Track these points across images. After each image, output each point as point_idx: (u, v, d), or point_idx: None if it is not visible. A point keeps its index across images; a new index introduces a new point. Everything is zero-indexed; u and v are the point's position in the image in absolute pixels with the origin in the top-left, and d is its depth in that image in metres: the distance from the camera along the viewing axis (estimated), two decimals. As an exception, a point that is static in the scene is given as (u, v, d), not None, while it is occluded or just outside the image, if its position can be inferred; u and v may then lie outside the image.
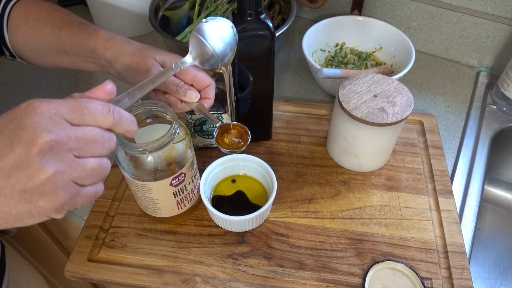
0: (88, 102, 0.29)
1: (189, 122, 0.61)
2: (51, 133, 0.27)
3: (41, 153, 0.26)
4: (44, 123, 0.27)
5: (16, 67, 0.85)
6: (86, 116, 0.29)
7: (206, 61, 0.44)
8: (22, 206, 0.28)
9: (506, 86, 0.71)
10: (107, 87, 0.32)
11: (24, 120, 0.27)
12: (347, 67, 0.79)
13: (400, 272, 0.51)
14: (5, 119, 0.28)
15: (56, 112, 0.28)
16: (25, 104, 0.28)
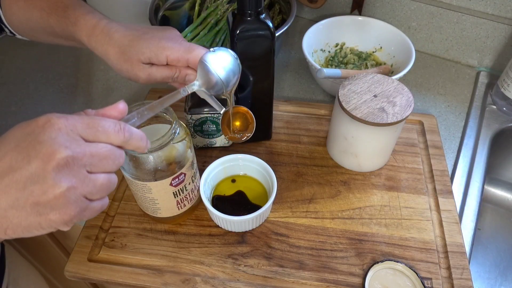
0: (102, 120, 0.31)
1: (189, 122, 0.61)
2: (68, 149, 0.28)
3: (57, 168, 0.27)
4: (62, 139, 0.28)
5: (16, 67, 0.85)
6: (100, 133, 0.30)
7: (212, 87, 0.46)
8: (33, 218, 0.28)
9: (506, 86, 0.71)
10: (119, 107, 0.34)
11: (42, 134, 0.27)
12: (347, 67, 0.79)
13: (400, 272, 0.51)
14: (21, 131, 0.29)
15: (73, 128, 0.29)
16: (43, 119, 0.29)
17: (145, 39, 0.46)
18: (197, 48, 0.47)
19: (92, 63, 0.86)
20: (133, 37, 0.46)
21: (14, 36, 0.59)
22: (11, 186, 0.27)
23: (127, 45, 0.46)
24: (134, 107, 0.47)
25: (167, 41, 0.47)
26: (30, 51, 0.89)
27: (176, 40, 0.48)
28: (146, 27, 0.49)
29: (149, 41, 0.46)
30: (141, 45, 0.46)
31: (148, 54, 0.46)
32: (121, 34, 0.47)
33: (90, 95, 0.79)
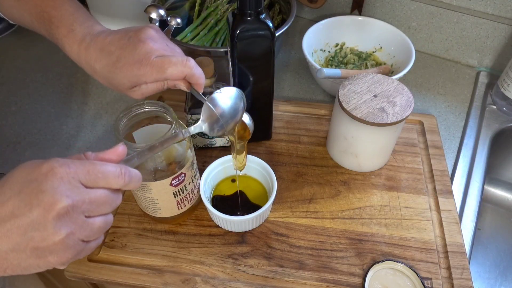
0: (102, 165, 0.32)
1: (189, 122, 0.61)
2: (69, 198, 0.29)
3: (58, 217, 0.29)
4: (63, 188, 0.29)
5: (16, 67, 0.85)
6: (100, 179, 0.31)
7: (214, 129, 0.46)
8: (32, 261, 0.30)
9: (506, 86, 0.71)
10: (119, 150, 0.35)
11: (44, 183, 0.29)
12: (347, 67, 0.79)
13: (400, 272, 0.51)
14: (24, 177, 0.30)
15: (74, 176, 0.30)
16: (46, 167, 0.30)
17: (119, 69, 0.45)
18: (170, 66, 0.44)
19: (92, 63, 0.86)
20: (110, 67, 0.46)
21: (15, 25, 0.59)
22: (13, 231, 0.29)
23: (109, 76, 0.46)
24: (134, 107, 0.48)
25: (138, 68, 0.44)
26: (30, 51, 0.89)
27: (147, 60, 0.44)
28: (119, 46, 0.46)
29: (123, 71, 0.45)
30: (119, 76, 0.46)
31: (128, 84, 0.46)
32: (100, 64, 0.46)
33: (90, 95, 0.79)
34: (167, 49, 0.46)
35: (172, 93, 0.75)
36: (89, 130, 0.72)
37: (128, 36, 0.46)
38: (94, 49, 0.46)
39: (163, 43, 0.47)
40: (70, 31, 0.48)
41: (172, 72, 0.44)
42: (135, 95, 0.48)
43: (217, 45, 0.78)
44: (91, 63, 0.47)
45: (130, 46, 0.45)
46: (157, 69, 0.44)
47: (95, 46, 0.46)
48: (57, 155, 0.68)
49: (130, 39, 0.45)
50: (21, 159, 0.67)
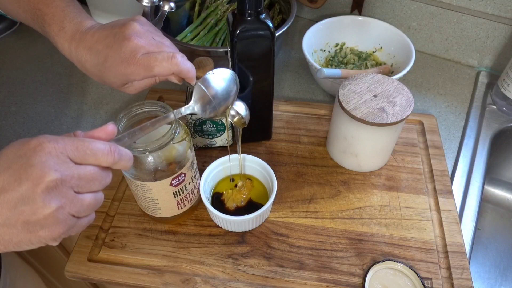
0: (91, 142, 0.32)
1: (189, 122, 0.61)
2: (57, 172, 0.29)
3: (47, 190, 0.29)
4: (52, 162, 0.29)
5: (16, 67, 0.85)
6: (88, 156, 0.32)
7: (206, 110, 0.46)
8: (23, 235, 0.30)
9: (506, 86, 0.71)
10: (109, 128, 0.36)
11: (33, 158, 0.29)
12: (347, 67, 0.79)
13: (400, 272, 0.51)
14: (14, 153, 0.30)
15: (62, 151, 0.30)
16: (35, 142, 0.30)
17: (108, 69, 0.45)
18: (156, 65, 0.44)
19: (92, 63, 0.87)
20: (100, 67, 0.46)
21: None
22: (3, 206, 0.29)
23: (99, 75, 0.47)
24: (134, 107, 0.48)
25: (125, 67, 0.44)
26: (30, 51, 0.89)
27: (132, 59, 0.44)
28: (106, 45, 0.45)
29: (112, 71, 0.45)
30: (108, 75, 0.46)
31: (119, 83, 0.47)
32: (90, 64, 0.46)
33: (90, 95, 0.79)
34: (153, 43, 0.45)
35: (172, 93, 0.75)
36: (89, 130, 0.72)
37: (113, 33, 0.45)
38: (83, 48, 0.46)
39: (149, 37, 0.46)
40: (61, 29, 0.48)
41: (159, 70, 0.44)
42: (128, 91, 0.49)
43: (217, 45, 0.78)
44: (82, 62, 0.47)
45: (116, 45, 0.44)
46: (144, 68, 0.44)
47: (84, 45, 0.46)
48: (57, 155, 0.68)
49: (116, 36, 0.45)
50: (21, 159, 0.67)
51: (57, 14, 0.48)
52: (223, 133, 0.63)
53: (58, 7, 0.49)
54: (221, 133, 0.63)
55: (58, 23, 0.48)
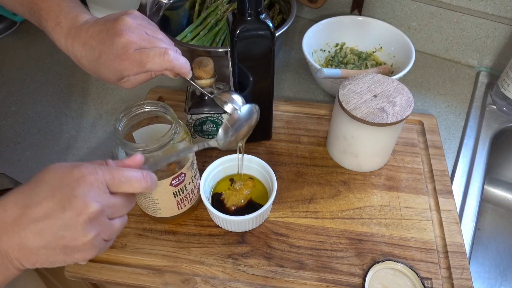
0: (125, 171, 0.36)
1: (189, 122, 0.61)
2: (98, 203, 0.32)
3: (88, 220, 0.32)
4: (93, 194, 0.32)
5: (16, 67, 0.85)
6: (123, 183, 0.35)
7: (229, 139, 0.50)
8: (60, 257, 0.33)
9: (506, 86, 0.71)
10: (137, 159, 0.39)
11: (76, 189, 0.32)
12: (347, 67, 0.79)
13: (400, 272, 0.51)
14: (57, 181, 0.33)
15: (102, 181, 0.33)
16: (77, 173, 0.33)
17: (102, 64, 0.45)
18: (148, 61, 0.44)
19: (92, 63, 0.87)
20: (95, 63, 0.46)
21: None
22: (46, 230, 0.31)
23: (95, 71, 0.47)
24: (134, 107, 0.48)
25: (118, 63, 0.44)
26: (30, 51, 0.89)
27: (125, 55, 0.44)
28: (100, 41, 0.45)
29: (106, 66, 0.45)
30: (103, 71, 0.46)
31: (114, 78, 0.47)
32: (85, 60, 0.47)
33: (90, 95, 0.79)
34: (145, 38, 0.45)
35: (172, 93, 0.75)
36: (89, 130, 0.72)
37: (106, 28, 0.45)
38: (78, 43, 0.46)
39: (141, 32, 0.46)
40: (57, 24, 0.47)
41: (152, 66, 0.44)
42: (125, 86, 0.49)
43: (217, 45, 0.78)
44: (78, 58, 0.47)
45: (108, 40, 0.44)
46: (137, 64, 0.44)
47: (79, 41, 0.46)
48: (57, 155, 0.68)
49: (108, 31, 0.45)
50: (21, 159, 0.67)
51: (53, 9, 0.48)
52: (223, 133, 0.63)
53: (53, 1, 0.48)
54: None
55: (54, 18, 0.48)
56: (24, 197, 0.32)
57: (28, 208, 0.31)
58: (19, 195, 0.33)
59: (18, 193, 0.33)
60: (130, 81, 0.49)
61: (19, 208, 0.32)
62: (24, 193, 0.32)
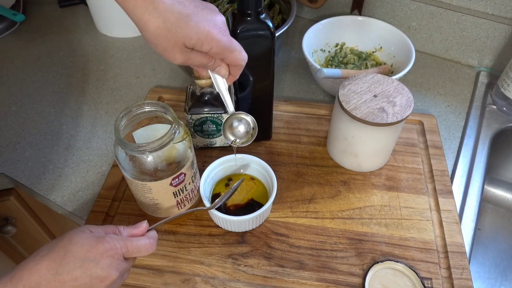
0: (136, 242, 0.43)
1: (189, 122, 0.61)
2: (117, 271, 0.41)
3: (110, 284, 0.41)
4: (114, 265, 0.41)
5: (16, 67, 0.85)
6: (135, 253, 0.43)
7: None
8: None
9: (506, 86, 0.71)
10: (143, 227, 0.46)
11: (101, 262, 0.40)
12: (347, 67, 0.79)
13: (400, 272, 0.51)
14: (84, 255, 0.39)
15: (120, 254, 0.41)
16: (102, 248, 0.40)
17: (195, 23, 0.42)
18: (237, 49, 0.45)
19: (92, 63, 0.86)
20: (181, 15, 0.41)
21: None
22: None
23: (173, 23, 0.41)
24: (134, 107, 0.48)
25: (217, 31, 0.43)
26: (30, 51, 0.89)
27: (224, 30, 0.44)
28: (193, 2, 0.43)
29: (199, 27, 0.42)
30: (189, 29, 0.42)
31: (194, 41, 0.42)
32: (167, 6, 0.41)
33: (90, 95, 0.79)
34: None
35: (172, 93, 0.75)
36: (89, 130, 0.72)
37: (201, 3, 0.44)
38: None
39: None
40: None
41: (236, 56, 0.46)
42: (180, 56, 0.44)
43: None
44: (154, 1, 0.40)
45: (207, 11, 0.43)
46: (228, 45, 0.44)
47: None
48: (57, 155, 0.68)
49: (205, 5, 0.44)
50: (21, 159, 0.67)
51: None
52: (223, 133, 0.63)
53: None
54: (221, 133, 0.63)
55: None
56: (55, 265, 0.38)
57: (60, 275, 0.38)
58: (50, 262, 0.38)
59: (49, 260, 0.38)
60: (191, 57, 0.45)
61: (52, 275, 0.38)
62: (55, 262, 0.38)
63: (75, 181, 0.64)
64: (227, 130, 0.53)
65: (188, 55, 0.44)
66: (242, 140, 0.53)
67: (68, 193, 0.63)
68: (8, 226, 0.79)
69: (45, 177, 0.65)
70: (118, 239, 0.42)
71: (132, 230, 0.45)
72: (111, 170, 0.64)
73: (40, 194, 0.63)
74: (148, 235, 0.45)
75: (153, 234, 0.46)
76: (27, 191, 0.65)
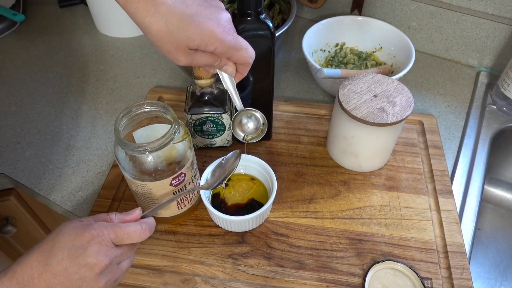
0: (126, 227, 0.41)
1: (189, 122, 0.61)
2: (107, 257, 0.39)
3: (100, 273, 0.39)
4: (102, 252, 0.39)
5: (16, 67, 0.85)
6: (125, 239, 0.41)
7: None
8: None
9: (506, 86, 0.71)
10: (136, 213, 0.44)
11: (88, 249, 0.38)
12: (347, 67, 0.79)
13: (400, 272, 0.51)
14: (71, 244, 0.39)
15: (108, 240, 0.40)
16: (88, 236, 0.39)
17: (197, 23, 0.41)
18: (243, 48, 0.45)
19: (92, 63, 0.86)
20: (184, 16, 0.40)
21: None
22: (66, 283, 0.38)
23: (176, 25, 0.40)
24: (134, 107, 0.48)
25: (221, 30, 0.42)
26: (30, 51, 0.89)
27: (228, 29, 0.43)
28: (196, 2, 0.42)
29: (202, 27, 0.41)
30: (192, 30, 0.41)
31: (198, 42, 0.42)
32: (169, 8, 0.40)
33: (90, 95, 0.79)
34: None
35: (172, 93, 0.75)
36: (89, 130, 0.72)
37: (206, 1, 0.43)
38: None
39: None
40: None
41: (243, 54, 0.45)
42: (184, 57, 0.43)
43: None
44: (155, 2, 0.40)
45: (211, 8, 0.42)
46: (234, 43, 0.43)
47: None
48: (57, 155, 0.68)
49: (209, 2, 0.43)
50: (21, 159, 0.67)
51: None
52: (223, 133, 0.63)
53: None
54: (221, 133, 0.63)
55: None
56: (45, 257, 0.38)
57: (50, 265, 0.38)
58: (40, 254, 0.38)
59: (39, 252, 0.38)
60: (195, 58, 0.44)
61: (42, 266, 0.38)
62: (45, 253, 0.38)
63: (75, 181, 0.64)
64: (236, 127, 0.53)
65: (193, 56, 0.44)
66: (252, 136, 0.54)
67: (68, 193, 0.63)
68: (8, 226, 0.79)
69: (45, 177, 0.65)
70: (106, 225, 0.41)
71: (124, 216, 0.43)
72: (111, 170, 0.64)
73: (40, 194, 0.63)
74: (141, 221, 0.43)
75: (148, 221, 0.44)
76: (27, 191, 0.65)
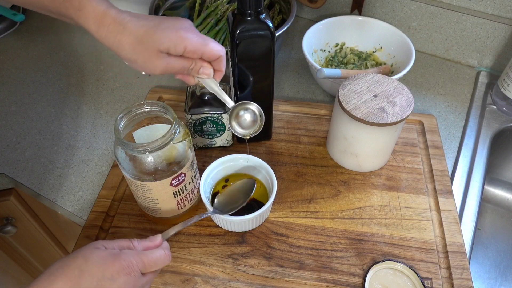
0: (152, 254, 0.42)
1: (189, 122, 0.61)
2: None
3: None
4: (131, 282, 0.40)
5: (16, 67, 0.85)
6: (152, 266, 0.42)
7: None
8: None
9: (506, 86, 0.71)
10: (157, 242, 0.45)
11: (118, 280, 0.39)
12: (347, 67, 0.79)
13: (400, 272, 0.51)
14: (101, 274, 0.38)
15: (136, 269, 0.41)
16: (118, 266, 0.39)
17: (162, 29, 0.45)
18: (211, 42, 0.48)
19: (92, 63, 0.86)
20: (149, 27, 0.45)
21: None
22: None
23: (143, 35, 0.45)
24: (134, 107, 0.48)
25: (184, 31, 0.46)
26: (30, 51, 0.89)
27: (192, 31, 0.47)
28: (158, 17, 0.47)
29: (167, 31, 0.45)
30: (158, 35, 0.45)
31: (167, 45, 0.45)
32: (135, 24, 0.45)
33: (90, 95, 0.79)
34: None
35: (172, 93, 0.75)
36: (89, 130, 0.72)
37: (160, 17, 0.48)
38: (127, 13, 0.46)
39: None
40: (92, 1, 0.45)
41: (212, 47, 0.47)
42: (159, 63, 0.46)
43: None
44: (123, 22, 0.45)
45: (171, 19, 0.47)
46: (201, 40, 0.47)
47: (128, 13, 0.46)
48: (57, 155, 0.68)
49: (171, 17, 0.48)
50: (21, 159, 0.67)
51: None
52: (223, 133, 0.63)
53: None
54: (221, 133, 0.63)
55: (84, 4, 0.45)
56: (71, 285, 0.37)
57: None
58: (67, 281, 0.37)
59: (66, 278, 0.37)
60: (170, 62, 0.47)
61: None
62: (72, 281, 0.37)
63: (75, 181, 0.64)
64: (235, 125, 0.53)
65: (167, 60, 0.47)
66: (251, 130, 0.54)
67: (68, 193, 0.63)
68: (8, 226, 0.79)
69: (45, 177, 0.65)
70: (133, 254, 0.41)
71: (147, 243, 0.44)
72: (111, 170, 0.64)
73: (40, 194, 0.63)
74: (163, 247, 0.44)
75: (166, 245, 0.45)
76: (27, 191, 0.65)
